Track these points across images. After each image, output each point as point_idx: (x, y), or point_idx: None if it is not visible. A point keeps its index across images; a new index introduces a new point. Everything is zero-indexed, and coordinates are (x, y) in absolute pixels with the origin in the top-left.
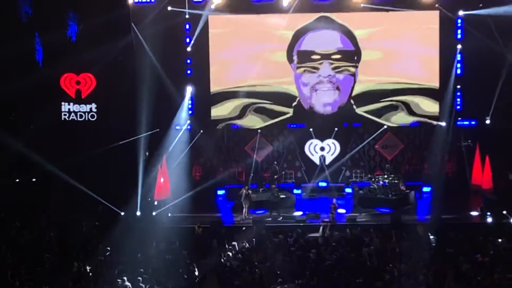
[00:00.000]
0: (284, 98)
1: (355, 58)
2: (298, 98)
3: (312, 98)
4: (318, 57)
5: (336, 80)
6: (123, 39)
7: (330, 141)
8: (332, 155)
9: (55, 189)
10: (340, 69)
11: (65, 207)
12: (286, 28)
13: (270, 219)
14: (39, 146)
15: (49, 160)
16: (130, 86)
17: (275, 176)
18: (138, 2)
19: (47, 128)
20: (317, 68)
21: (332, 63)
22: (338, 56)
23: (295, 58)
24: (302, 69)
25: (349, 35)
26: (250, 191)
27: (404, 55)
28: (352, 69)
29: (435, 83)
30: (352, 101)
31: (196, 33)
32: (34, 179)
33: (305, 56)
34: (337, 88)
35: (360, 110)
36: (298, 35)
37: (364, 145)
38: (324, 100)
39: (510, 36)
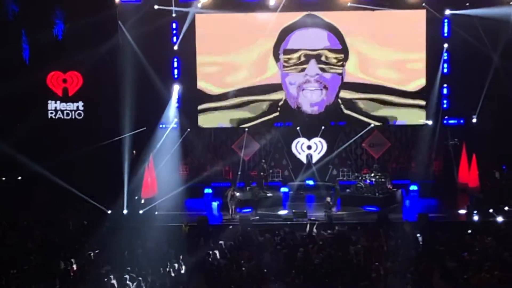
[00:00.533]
0: (270, 98)
1: (343, 57)
2: (284, 98)
3: (299, 98)
4: (305, 56)
5: (323, 79)
6: (110, 37)
7: (317, 140)
8: (319, 153)
9: (42, 187)
10: (327, 68)
11: (51, 206)
12: (272, 26)
13: (257, 217)
14: (26, 144)
15: (35, 159)
16: (117, 85)
17: (262, 174)
18: (125, 0)
19: (33, 126)
20: (304, 67)
21: (319, 62)
22: (325, 55)
23: (281, 57)
24: (289, 68)
25: (337, 33)
26: (235, 192)
27: (390, 54)
28: (340, 69)
29: (421, 82)
30: (339, 101)
31: (182, 32)
32: (20, 177)
33: (292, 55)
34: (325, 87)
35: (348, 110)
36: (285, 34)
37: (351, 144)
38: (311, 100)
39: (496, 37)
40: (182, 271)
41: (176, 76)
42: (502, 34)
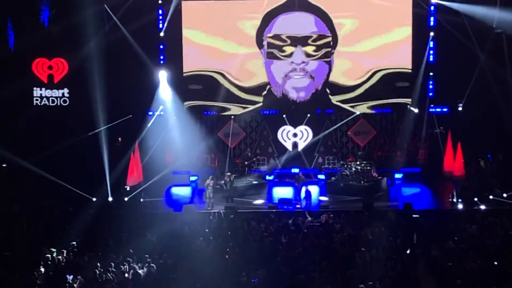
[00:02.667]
0: (254, 86)
1: (331, 43)
2: (268, 86)
3: (285, 85)
4: (290, 42)
5: (309, 68)
6: (97, 24)
7: (302, 128)
8: (304, 141)
9: (26, 175)
10: (314, 56)
11: (36, 193)
12: (256, 11)
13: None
14: (10, 132)
15: (19, 147)
16: (102, 71)
17: (247, 163)
18: None
19: (18, 114)
20: (289, 55)
21: (305, 49)
22: (312, 41)
23: (265, 43)
24: (273, 55)
25: (325, 18)
26: (212, 182)
27: (377, 40)
28: (328, 56)
29: (407, 69)
30: (327, 90)
31: (167, 18)
32: (4, 165)
33: (276, 41)
34: (311, 77)
35: (334, 99)
36: (269, 18)
37: (336, 132)
38: (297, 85)
39: (483, 34)
40: (167, 260)
41: (162, 62)
42: (487, 30)
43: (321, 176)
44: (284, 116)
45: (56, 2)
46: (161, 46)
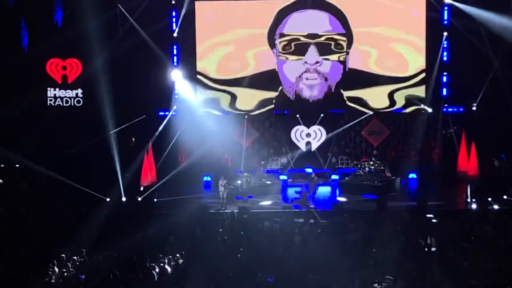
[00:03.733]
0: (266, 88)
1: (346, 43)
2: (280, 88)
3: (299, 85)
4: (304, 41)
5: (323, 69)
6: (111, 25)
7: (316, 127)
8: (318, 141)
9: (40, 175)
10: (329, 55)
11: (50, 194)
12: (268, 8)
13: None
14: (24, 132)
15: (34, 147)
16: (115, 72)
17: (262, 162)
18: None
19: (32, 113)
20: (302, 54)
21: (319, 49)
22: (326, 41)
23: (277, 42)
24: (286, 55)
25: (340, 16)
26: (225, 181)
27: (391, 40)
28: (343, 56)
29: (421, 70)
30: (341, 90)
31: (181, 19)
32: (17, 165)
33: (289, 41)
34: (325, 79)
35: (349, 101)
36: (281, 17)
37: (350, 132)
38: (310, 84)
39: (497, 39)
40: (180, 260)
41: (175, 64)
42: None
43: (335, 176)
44: (297, 116)
45: (70, 3)
46: (175, 47)
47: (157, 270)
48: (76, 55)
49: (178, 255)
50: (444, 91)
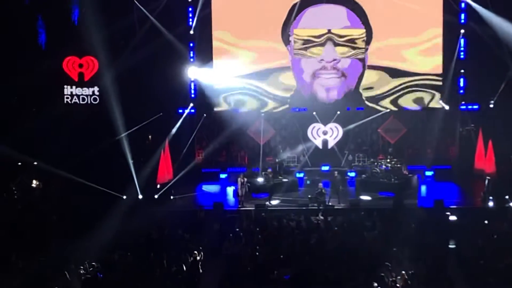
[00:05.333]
0: (279, 89)
1: (365, 39)
2: (295, 88)
3: (314, 85)
4: (320, 38)
5: (341, 66)
6: (126, 21)
7: (333, 125)
8: (334, 139)
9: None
10: (347, 53)
11: (65, 192)
12: (282, 4)
13: (272, 202)
14: (42, 129)
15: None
16: (132, 70)
17: (278, 160)
18: None
19: (49, 111)
20: (318, 52)
21: (337, 45)
22: (344, 37)
23: (291, 39)
24: (301, 52)
25: (359, 11)
26: (245, 179)
27: (408, 37)
28: (361, 53)
29: (438, 68)
30: (360, 91)
31: (197, 15)
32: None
33: (304, 37)
34: (343, 75)
35: (368, 101)
36: (296, 11)
37: (365, 128)
38: (327, 85)
39: None
40: (197, 257)
41: (192, 60)
42: None
43: (352, 174)
44: (314, 113)
45: (86, 1)
46: (191, 44)
47: (173, 267)
48: (93, 53)
49: (195, 251)
50: (461, 89)
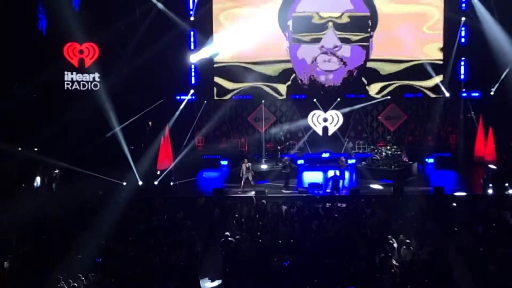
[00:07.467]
0: (277, 76)
1: (369, 24)
2: (293, 75)
3: (313, 70)
4: (320, 22)
5: (341, 54)
6: (128, 8)
7: (333, 112)
8: (335, 126)
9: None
10: (349, 39)
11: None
12: None
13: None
14: (42, 115)
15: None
16: (132, 56)
17: (279, 147)
18: None
19: (49, 97)
20: (318, 38)
21: (338, 31)
22: (346, 22)
23: (289, 24)
24: (299, 38)
25: None
26: (249, 164)
27: (408, 25)
28: (365, 40)
29: (438, 55)
30: (363, 79)
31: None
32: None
33: (303, 22)
34: (343, 64)
35: (372, 92)
36: None
37: (365, 116)
38: (326, 69)
39: None
40: (198, 243)
41: (192, 48)
42: None
43: (352, 161)
44: (315, 100)
45: None
46: (192, 32)
47: (173, 254)
48: (93, 39)
49: (195, 238)
50: (462, 76)
